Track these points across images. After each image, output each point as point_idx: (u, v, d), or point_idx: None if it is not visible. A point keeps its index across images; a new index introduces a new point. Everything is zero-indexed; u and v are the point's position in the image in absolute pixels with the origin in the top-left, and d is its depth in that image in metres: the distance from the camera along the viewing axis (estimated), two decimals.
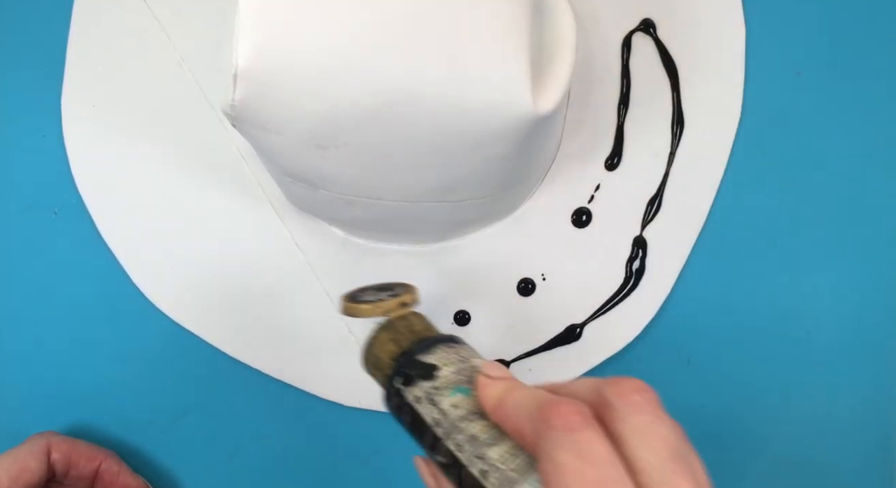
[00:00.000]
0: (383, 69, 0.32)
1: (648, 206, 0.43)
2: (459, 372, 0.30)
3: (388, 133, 0.34)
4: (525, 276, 0.44)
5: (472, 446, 0.27)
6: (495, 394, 0.28)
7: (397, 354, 0.33)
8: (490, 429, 0.28)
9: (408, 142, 0.34)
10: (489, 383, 0.28)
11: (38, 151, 0.43)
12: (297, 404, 0.45)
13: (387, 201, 0.39)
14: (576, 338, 0.44)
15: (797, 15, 0.44)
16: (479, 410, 0.28)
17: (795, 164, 0.44)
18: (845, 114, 0.44)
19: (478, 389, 0.29)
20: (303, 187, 0.39)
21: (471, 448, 0.27)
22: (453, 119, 0.33)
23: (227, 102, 0.33)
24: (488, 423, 0.28)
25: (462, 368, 0.30)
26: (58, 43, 0.42)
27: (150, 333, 0.44)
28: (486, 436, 0.27)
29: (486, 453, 0.27)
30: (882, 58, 0.44)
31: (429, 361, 0.31)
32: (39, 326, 0.44)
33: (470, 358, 0.31)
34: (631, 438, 0.24)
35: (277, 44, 0.31)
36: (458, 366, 0.31)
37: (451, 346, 0.32)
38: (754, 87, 0.43)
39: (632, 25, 0.43)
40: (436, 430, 0.29)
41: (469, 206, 0.40)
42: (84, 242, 0.44)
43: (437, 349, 0.32)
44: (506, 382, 0.28)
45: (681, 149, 0.43)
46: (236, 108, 0.33)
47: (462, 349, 0.32)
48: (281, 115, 0.33)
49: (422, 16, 0.32)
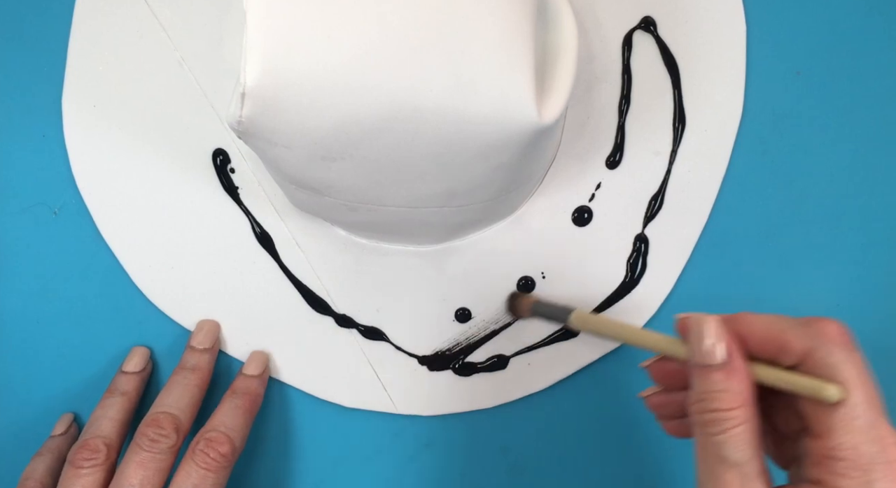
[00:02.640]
0: (389, 84, 0.32)
1: (650, 204, 0.43)
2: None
3: (393, 145, 0.34)
4: (525, 274, 0.44)
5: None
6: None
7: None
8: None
9: (412, 153, 0.35)
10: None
11: (38, 151, 0.43)
12: (297, 404, 0.45)
13: (390, 207, 0.39)
14: (574, 335, 0.44)
15: (797, 15, 0.44)
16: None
17: (795, 164, 0.44)
18: (845, 114, 0.44)
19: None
20: (307, 193, 0.39)
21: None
22: (458, 131, 0.33)
23: (234, 118, 0.33)
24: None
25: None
26: (58, 43, 0.42)
27: (150, 333, 0.44)
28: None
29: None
30: (882, 58, 0.44)
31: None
32: (39, 326, 0.44)
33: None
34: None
35: (285, 63, 0.32)
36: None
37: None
38: (754, 88, 0.43)
39: (632, 23, 0.43)
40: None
41: (471, 210, 0.40)
42: (84, 242, 0.44)
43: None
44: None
45: (682, 146, 0.43)
46: (243, 124, 0.33)
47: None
48: (288, 131, 0.33)
49: (427, 30, 0.32)
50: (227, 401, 0.41)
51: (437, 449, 0.45)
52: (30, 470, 0.41)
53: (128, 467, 0.37)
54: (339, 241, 0.44)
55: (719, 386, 0.29)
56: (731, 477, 0.29)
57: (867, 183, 0.44)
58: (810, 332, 0.29)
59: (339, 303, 0.44)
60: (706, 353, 0.30)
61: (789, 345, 0.29)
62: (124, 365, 0.43)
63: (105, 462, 0.38)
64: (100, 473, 0.38)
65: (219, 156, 0.43)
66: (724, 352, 0.30)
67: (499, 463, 0.45)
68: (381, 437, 0.45)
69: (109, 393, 0.41)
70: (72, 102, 0.43)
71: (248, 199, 0.44)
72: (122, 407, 0.41)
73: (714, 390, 0.29)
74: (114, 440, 0.39)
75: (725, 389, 0.29)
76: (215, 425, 0.39)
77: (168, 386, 0.41)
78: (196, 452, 0.38)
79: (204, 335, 0.43)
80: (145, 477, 0.37)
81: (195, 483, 0.38)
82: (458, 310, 0.44)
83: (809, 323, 0.30)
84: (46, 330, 0.44)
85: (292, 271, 0.44)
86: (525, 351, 0.44)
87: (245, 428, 0.41)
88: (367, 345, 0.44)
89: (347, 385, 0.44)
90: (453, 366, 0.44)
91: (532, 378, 0.44)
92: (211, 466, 0.38)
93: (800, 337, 0.29)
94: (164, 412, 0.39)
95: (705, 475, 0.29)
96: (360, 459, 0.45)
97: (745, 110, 0.43)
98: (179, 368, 0.42)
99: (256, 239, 0.44)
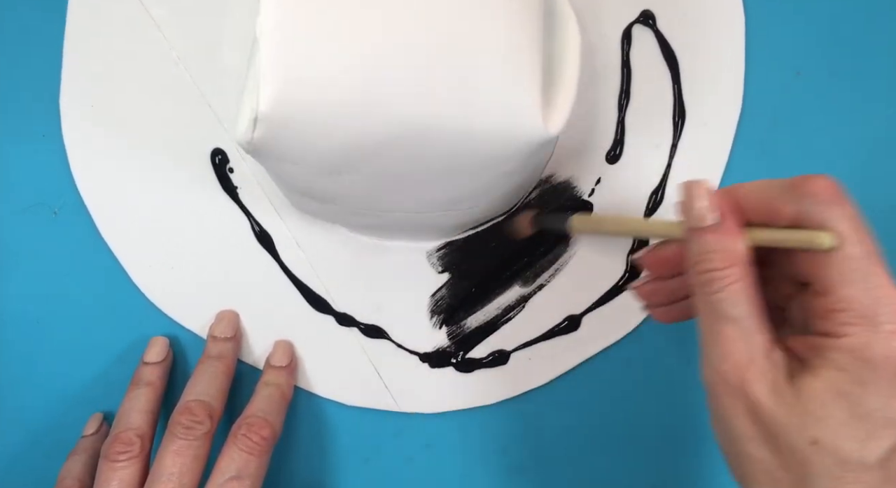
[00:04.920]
0: (398, 105, 0.33)
1: (650, 199, 0.43)
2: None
3: (400, 160, 0.35)
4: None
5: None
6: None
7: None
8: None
9: (419, 167, 0.35)
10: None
11: (38, 151, 0.43)
12: (298, 404, 0.44)
13: (396, 213, 0.39)
14: (574, 328, 0.44)
15: (797, 15, 0.44)
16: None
17: (795, 164, 0.44)
18: (845, 113, 0.44)
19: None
20: (312, 201, 0.39)
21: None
22: (465, 145, 0.34)
23: (245, 140, 0.34)
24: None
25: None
26: (55, 42, 0.42)
27: (150, 333, 0.44)
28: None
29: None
30: (882, 58, 0.44)
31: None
32: (39, 326, 0.44)
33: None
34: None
35: (298, 90, 0.32)
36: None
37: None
38: (754, 87, 0.43)
39: (631, 17, 0.43)
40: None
41: (475, 211, 0.41)
42: (84, 242, 0.44)
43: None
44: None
45: (682, 140, 0.43)
46: (254, 144, 0.34)
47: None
48: (297, 149, 0.34)
49: (435, 48, 0.32)
50: (260, 391, 0.42)
51: (437, 449, 0.45)
52: (66, 470, 0.41)
53: (165, 456, 0.38)
54: (340, 239, 0.44)
55: (713, 246, 0.30)
56: (730, 332, 0.30)
57: (866, 182, 0.43)
58: (798, 193, 0.30)
59: (340, 302, 0.44)
60: (699, 216, 0.31)
61: (780, 210, 0.30)
62: (145, 355, 0.43)
63: (140, 453, 0.38)
64: (136, 465, 0.38)
65: (217, 155, 0.43)
66: (716, 214, 0.31)
67: (499, 463, 0.45)
68: (382, 436, 0.45)
69: (134, 385, 0.41)
70: (70, 102, 0.43)
71: (247, 199, 0.44)
72: (148, 398, 0.41)
73: (708, 250, 0.30)
74: (146, 431, 0.39)
75: (719, 249, 0.30)
76: (253, 412, 0.40)
77: (195, 376, 0.41)
78: (238, 437, 0.38)
79: (226, 324, 0.43)
80: (184, 464, 0.37)
81: (239, 467, 0.38)
82: None
83: (798, 184, 0.30)
84: (46, 330, 0.44)
85: (292, 270, 0.44)
86: (526, 345, 0.44)
87: (281, 414, 0.41)
88: (368, 343, 0.44)
89: (348, 383, 0.44)
90: (454, 362, 0.44)
91: (533, 372, 0.44)
92: (253, 450, 0.38)
93: (789, 200, 0.30)
94: (195, 399, 0.39)
95: (708, 334, 0.30)
96: (361, 458, 0.45)
97: (744, 111, 0.43)
98: (205, 358, 0.42)
99: (256, 238, 0.44)
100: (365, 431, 0.45)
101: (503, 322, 0.44)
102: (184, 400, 0.40)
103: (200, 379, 0.41)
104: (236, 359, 0.43)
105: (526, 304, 0.44)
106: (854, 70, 0.44)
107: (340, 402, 0.44)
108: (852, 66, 0.44)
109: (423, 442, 0.45)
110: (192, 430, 0.38)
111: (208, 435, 0.39)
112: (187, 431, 0.38)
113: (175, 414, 0.39)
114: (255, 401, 0.41)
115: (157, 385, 0.42)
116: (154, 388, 0.41)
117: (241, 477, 0.37)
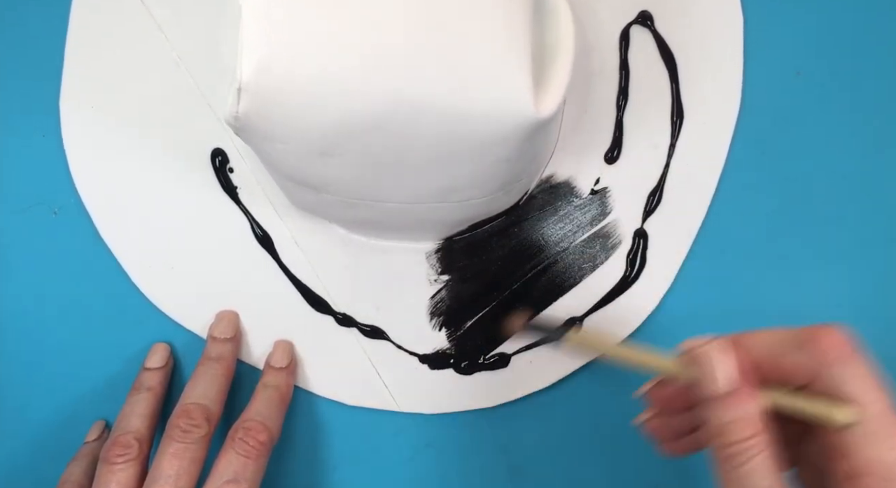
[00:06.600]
0: (387, 81, 0.32)
1: (649, 199, 0.43)
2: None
3: (391, 141, 0.34)
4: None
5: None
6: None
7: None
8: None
9: (411, 149, 0.35)
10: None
11: (38, 151, 0.43)
12: (297, 404, 0.44)
13: (389, 203, 0.39)
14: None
15: (797, 14, 0.44)
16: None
17: (795, 164, 0.44)
18: (845, 113, 0.44)
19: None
20: (306, 191, 0.39)
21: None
22: (456, 126, 0.33)
23: (230, 114, 0.33)
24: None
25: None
26: (56, 43, 0.43)
27: (151, 333, 0.44)
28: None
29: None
30: (882, 58, 0.44)
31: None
32: (39, 326, 0.44)
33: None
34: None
35: (281, 59, 0.32)
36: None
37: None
38: (753, 87, 0.43)
39: (629, 18, 0.43)
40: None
41: (470, 206, 0.40)
42: (84, 242, 0.44)
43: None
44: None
45: (681, 140, 0.43)
46: (240, 120, 0.33)
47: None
48: (284, 127, 0.33)
49: (424, 26, 0.32)
50: (259, 393, 0.42)
51: (437, 449, 0.45)
52: (67, 474, 0.41)
53: (162, 459, 0.38)
54: (339, 240, 0.44)
55: (732, 415, 0.29)
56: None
57: (866, 181, 0.44)
58: (809, 354, 0.29)
59: (339, 302, 0.44)
60: (718, 386, 0.30)
61: (792, 372, 0.29)
62: (147, 361, 0.43)
63: (138, 456, 0.38)
64: (134, 468, 0.38)
65: (217, 155, 0.43)
66: (736, 382, 0.29)
67: (499, 463, 0.45)
68: (382, 436, 0.45)
69: (135, 390, 0.42)
70: (70, 103, 0.43)
71: (248, 199, 0.44)
72: (148, 403, 0.41)
73: (728, 421, 0.29)
74: (144, 434, 0.39)
75: (738, 417, 0.29)
76: (251, 415, 0.40)
77: (194, 378, 0.41)
78: (235, 441, 0.39)
79: (225, 325, 0.43)
80: (181, 467, 0.37)
81: (236, 470, 0.38)
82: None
83: (807, 340, 0.29)
84: (46, 330, 0.44)
85: (292, 270, 0.44)
86: (526, 348, 0.44)
87: (280, 418, 0.41)
88: (368, 343, 0.44)
89: (348, 383, 0.44)
90: (453, 364, 0.44)
91: (534, 375, 0.44)
92: (251, 454, 0.38)
93: (800, 362, 0.29)
94: (193, 403, 0.39)
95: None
96: (361, 458, 0.45)
97: (744, 110, 0.43)
98: (204, 359, 0.42)
99: (256, 238, 0.44)
100: (365, 431, 0.45)
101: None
102: (182, 403, 0.40)
103: (199, 382, 0.41)
104: (235, 360, 0.43)
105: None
106: (854, 70, 0.44)
107: (340, 402, 0.44)
108: (852, 66, 0.44)
109: (423, 442, 0.45)
110: (190, 433, 0.38)
111: (206, 438, 0.39)
112: (185, 434, 0.38)
113: (173, 417, 0.39)
114: (253, 404, 0.41)
115: (157, 390, 0.42)
116: (154, 393, 0.42)
117: (238, 481, 0.38)
